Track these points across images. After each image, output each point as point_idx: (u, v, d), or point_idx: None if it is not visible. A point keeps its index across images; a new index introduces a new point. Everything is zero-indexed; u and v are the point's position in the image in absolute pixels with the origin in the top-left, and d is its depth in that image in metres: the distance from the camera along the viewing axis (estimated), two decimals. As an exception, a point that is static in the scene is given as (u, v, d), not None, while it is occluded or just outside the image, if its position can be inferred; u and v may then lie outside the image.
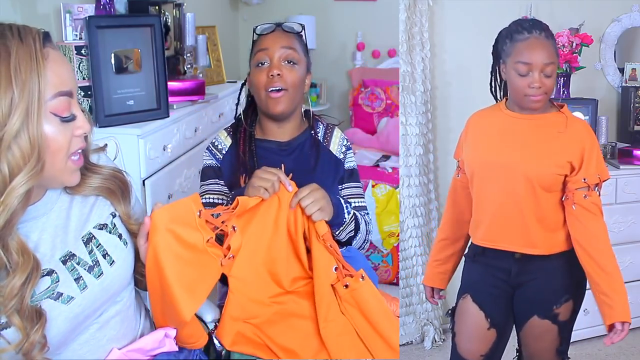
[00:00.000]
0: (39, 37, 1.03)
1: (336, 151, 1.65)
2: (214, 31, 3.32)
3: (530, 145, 1.62)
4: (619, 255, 2.70)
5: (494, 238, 1.67)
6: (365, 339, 1.44)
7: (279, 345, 1.40)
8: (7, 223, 0.99)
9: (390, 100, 4.26)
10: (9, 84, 0.97)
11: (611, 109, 3.01)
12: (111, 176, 1.21)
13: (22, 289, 1.00)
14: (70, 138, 1.07)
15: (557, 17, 2.79)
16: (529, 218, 1.62)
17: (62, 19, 2.08)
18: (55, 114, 1.03)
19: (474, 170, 1.69)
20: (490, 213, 1.67)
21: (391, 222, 3.18)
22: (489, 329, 1.69)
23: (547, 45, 1.60)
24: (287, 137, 1.61)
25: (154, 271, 1.16)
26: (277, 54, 1.51)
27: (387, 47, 4.55)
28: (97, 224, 1.18)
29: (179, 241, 1.18)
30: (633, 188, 2.66)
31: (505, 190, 1.63)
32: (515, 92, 1.64)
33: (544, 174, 1.59)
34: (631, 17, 2.97)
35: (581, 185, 1.60)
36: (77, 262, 1.12)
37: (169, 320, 1.24)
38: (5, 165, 0.98)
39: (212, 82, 3.14)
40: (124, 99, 2.12)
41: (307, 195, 1.36)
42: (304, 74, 1.57)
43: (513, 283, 1.69)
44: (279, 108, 1.52)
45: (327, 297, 1.41)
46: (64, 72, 1.05)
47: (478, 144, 1.72)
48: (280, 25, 1.56)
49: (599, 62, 2.98)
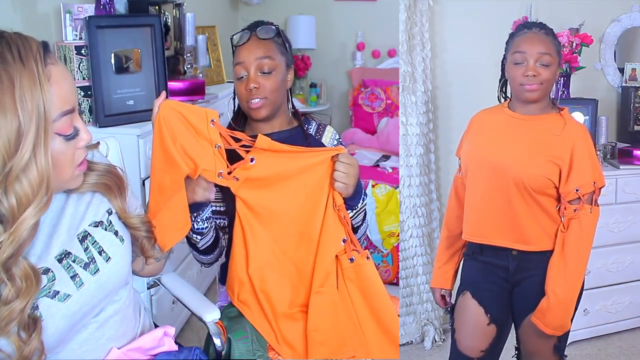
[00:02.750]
0: (40, 56, 1.00)
1: (329, 144, 1.66)
2: (214, 31, 3.32)
3: (522, 145, 1.63)
4: (619, 255, 2.74)
5: (482, 234, 1.70)
6: (361, 321, 1.44)
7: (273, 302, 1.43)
8: (15, 253, 0.99)
9: (390, 100, 4.26)
10: (15, 114, 0.95)
11: (611, 109, 3.01)
12: (106, 172, 1.22)
13: (22, 311, 1.00)
14: (74, 151, 1.07)
15: (557, 17, 2.78)
16: (521, 216, 1.62)
17: (62, 19, 2.08)
18: (59, 134, 1.03)
19: (468, 167, 1.73)
20: (478, 209, 1.70)
21: (391, 222, 3.18)
22: (488, 324, 1.69)
23: (544, 39, 1.64)
24: (276, 130, 1.62)
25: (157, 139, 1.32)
26: (252, 66, 1.53)
27: (387, 47, 4.55)
28: (92, 221, 1.18)
29: (185, 124, 1.33)
30: (633, 188, 2.66)
31: (495, 188, 1.64)
32: (512, 83, 1.68)
33: (532, 175, 1.60)
34: (631, 17, 2.97)
35: (573, 197, 1.59)
36: (72, 259, 1.12)
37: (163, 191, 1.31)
38: (13, 198, 0.97)
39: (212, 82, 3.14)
40: (124, 99, 2.13)
41: (345, 165, 1.43)
42: (283, 76, 1.58)
43: (512, 280, 1.70)
44: (261, 115, 1.56)
45: (329, 265, 1.43)
46: (66, 90, 1.04)
47: (475, 142, 1.75)
48: (255, 30, 1.56)
49: (599, 62, 2.97)
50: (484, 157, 1.68)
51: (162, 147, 1.32)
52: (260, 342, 1.44)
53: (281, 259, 1.45)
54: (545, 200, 1.63)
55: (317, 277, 1.43)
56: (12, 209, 0.97)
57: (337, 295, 1.44)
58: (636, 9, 2.97)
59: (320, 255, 1.43)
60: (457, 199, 1.84)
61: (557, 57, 1.65)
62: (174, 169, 1.31)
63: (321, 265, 1.43)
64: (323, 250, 1.43)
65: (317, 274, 1.43)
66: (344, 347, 1.44)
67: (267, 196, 1.42)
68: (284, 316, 1.44)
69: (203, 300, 1.59)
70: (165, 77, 2.22)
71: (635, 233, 2.69)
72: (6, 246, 0.97)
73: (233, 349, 1.42)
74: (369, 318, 1.45)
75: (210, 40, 3.21)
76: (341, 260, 1.44)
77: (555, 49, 1.65)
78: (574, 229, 1.59)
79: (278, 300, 1.45)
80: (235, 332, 1.44)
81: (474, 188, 1.72)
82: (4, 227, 0.98)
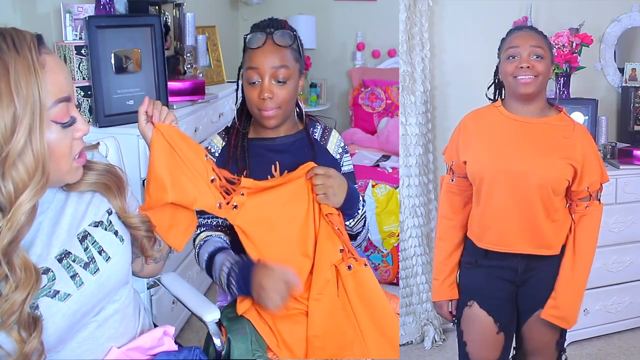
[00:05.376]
0: (34, 45, 1.02)
1: (333, 151, 1.65)
2: (214, 31, 3.32)
3: (538, 150, 1.64)
4: (619, 255, 2.74)
5: (506, 242, 1.66)
6: (361, 326, 1.45)
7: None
8: (14, 239, 1.00)
9: (390, 100, 4.26)
10: (11, 100, 0.97)
11: (611, 109, 3.01)
12: (106, 172, 1.22)
13: (22, 304, 1.00)
14: (72, 141, 1.07)
15: (557, 17, 2.79)
16: (542, 221, 1.63)
17: (62, 19, 2.08)
18: (56, 122, 1.03)
19: (484, 177, 1.67)
20: (501, 218, 1.65)
21: (391, 222, 3.18)
22: (498, 333, 1.69)
23: (536, 35, 1.68)
24: (281, 135, 1.61)
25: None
26: (267, 74, 1.49)
27: (387, 47, 4.55)
28: (92, 221, 1.18)
29: (179, 150, 1.33)
30: (633, 188, 2.66)
31: (517, 196, 1.63)
32: (507, 78, 1.67)
33: (555, 178, 1.62)
34: (631, 17, 2.97)
35: (584, 194, 1.66)
36: (72, 259, 1.12)
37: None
38: (10, 183, 0.98)
39: (212, 82, 3.14)
40: (123, 99, 2.13)
41: (320, 175, 1.45)
42: (296, 84, 1.56)
43: (519, 281, 1.70)
44: (271, 124, 1.54)
45: (327, 274, 1.45)
46: (61, 78, 1.05)
47: (484, 150, 1.69)
48: (272, 34, 1.51)
49: (599, 62, 2.97)
50: (502, 167, 1.64)
51: (160, 169, 1.32)
52: (259, 343, 1.44)
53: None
54: (559, 201, 1.66)
55: (316, 285, 1.44)
56: (9, 195, 0.98)
57: (337, 301, 1.45)
58: (636, 9, 2.97)
59: (317, 265, 1.45)
60: (452, 207, 1.80)
61: (549, 53, 1.67)
62: (177, 194, 1.32)
63: (319, 273, 1.45)
64: (320, 261, 1.46)
65: (316, 282, 1.44)
66: (344, 350, 1.45)
67: (261, 223, 1.45)
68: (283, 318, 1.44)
69: (203, 300, 1.59)
70: (165, 77, 2.22)
71: (635, 233, 2.69)
72: (5, 232, 0.98)
73: (233, 349, 1.42)
74: (369, 323, 1.46)
75: (210, 40, 3.21)
76: (340, 269, 1.46)
77: (547, 45, 1.67)
78: (585, 224, 1.67)
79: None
80: (235, 332, 1.44)
81: (492, 197, 1.67)
82: (2, 214, 0.99)
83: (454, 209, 1.79)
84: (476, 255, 1.73)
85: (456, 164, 1.77)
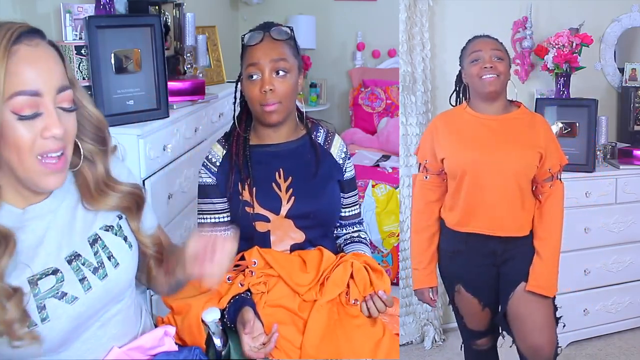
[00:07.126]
0: (14, 33, 1.00)
1: (336, 156, 1.66)
2: (214, 31, 3.31)
3: (510, 143, 1.81)
4: (619, 255, 2.74)
5: (494, 226, 1.82)
6: (361, 333, 1.46)
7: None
8: None
9: (390, 100, 4.27)
10: None
11: (611, 109, 3.01)
12: (129, 194, 1.21)
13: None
14: (35, 137, 1.02)
15: (557, 17, 2.79)
16: (517, 206, 1.82)
17: (62, 18, 2.08)
18: (13, 112, 1.01)
19: (466, 170, 1.82)
20: (488, 204, 1.81)
21: (391, 222, 3.18)
22: (483, 309, 1.93)
23: (494, 41, 1.87)
24: (283, 140, 1.61)
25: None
26: (267, 67, 1.50)
27: (387, 47, 4.56)
28: (103, 225, 1.18)
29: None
30: (633, 188, 2.66)
31: (498, 184, 1.79)
32: (472, 79, 1.85)
33: (529, 166, 1.80)
34: (631, 17, 2.97)
35: (547, 175, 1.85)
36: (82, 262, 1.12)
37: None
38: None
39: (212, 82, 3.13)
40: (123, 99, 2.12)
41: (382, 305, 1.47)
42: (296, 79, 1.56)
43: (499, 262, 1.86)
44: (274, 119, 1.54)
45: (335, 291, 1.51)
46: (28, 71, 1.01)
47: (460, 146, 1.84)
48: (268, 30, 1.53)
49: (599, 62, 2.97)
50: (482, 160, 1.80)
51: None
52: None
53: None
54: (528, 185, 1.84)
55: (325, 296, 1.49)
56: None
57: (336, 314, 1.46)
58: (636, 9, 2.97)
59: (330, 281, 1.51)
60: (426, 202, 1.94)
61: (507, 56, 1.86)
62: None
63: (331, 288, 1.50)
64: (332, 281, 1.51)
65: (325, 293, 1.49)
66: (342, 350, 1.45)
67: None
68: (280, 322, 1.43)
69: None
70: (165, 77, 2.22)
71: (635, 233, 2.69)
72: None
73: (233, 349, 1.42)
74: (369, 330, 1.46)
75: (210, 40, 3.20)
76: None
77: (504, 50, 1.86)
78: (551, 202, 1.85)
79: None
80: (235, 332, 1.44)
81: (476, 187, 1.82)
82: None
83: (427, 204, 1.93)
84: (457, 243, 1.88)
85: (430, 162, 1.91)
